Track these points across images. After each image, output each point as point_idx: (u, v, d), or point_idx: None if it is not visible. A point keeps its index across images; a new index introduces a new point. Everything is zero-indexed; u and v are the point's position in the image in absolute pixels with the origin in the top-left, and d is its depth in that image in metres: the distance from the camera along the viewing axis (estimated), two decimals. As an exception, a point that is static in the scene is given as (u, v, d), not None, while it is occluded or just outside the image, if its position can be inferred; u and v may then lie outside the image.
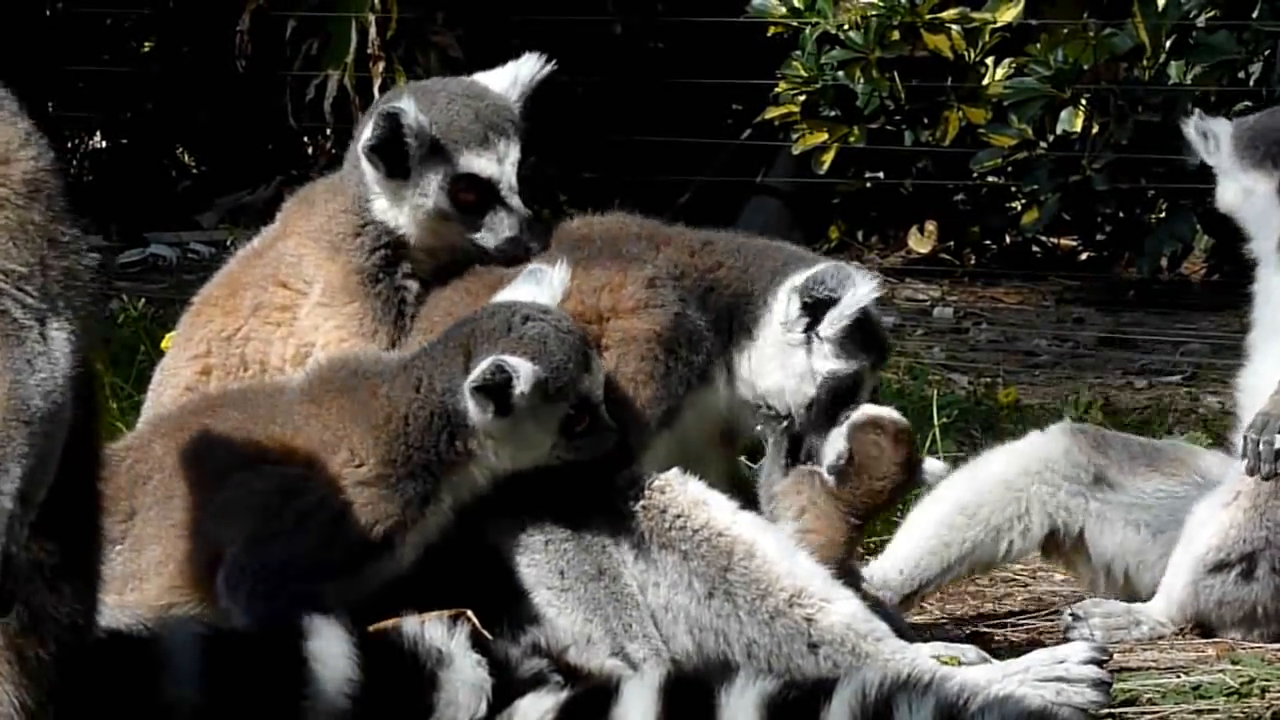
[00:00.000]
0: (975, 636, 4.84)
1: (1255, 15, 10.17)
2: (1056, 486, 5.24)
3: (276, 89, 11.11)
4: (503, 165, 4.52)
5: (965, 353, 9.34)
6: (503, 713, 3.87)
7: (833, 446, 4.51)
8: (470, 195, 4.52)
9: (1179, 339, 9.57)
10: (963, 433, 6.54)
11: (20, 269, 3.39)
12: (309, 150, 12.15)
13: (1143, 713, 4.38)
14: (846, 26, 10.48)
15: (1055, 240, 11.49)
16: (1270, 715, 4.36)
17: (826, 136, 10.57)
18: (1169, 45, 10.21)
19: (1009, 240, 11.38)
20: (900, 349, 9.00)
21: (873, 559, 5.30)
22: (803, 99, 10.58)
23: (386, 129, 4.45)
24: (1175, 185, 10.09)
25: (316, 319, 4.55)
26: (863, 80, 10.50)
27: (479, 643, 3.92)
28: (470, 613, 3.97)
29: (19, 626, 3.41)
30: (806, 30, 10.58)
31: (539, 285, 4.27)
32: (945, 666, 4.22)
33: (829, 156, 10.56)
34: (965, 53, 10.50)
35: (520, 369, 4.06)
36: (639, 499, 4.26)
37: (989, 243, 11.36)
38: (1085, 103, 10.20)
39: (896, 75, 10.55)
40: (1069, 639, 4.83)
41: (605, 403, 4.23)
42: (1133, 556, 5.26)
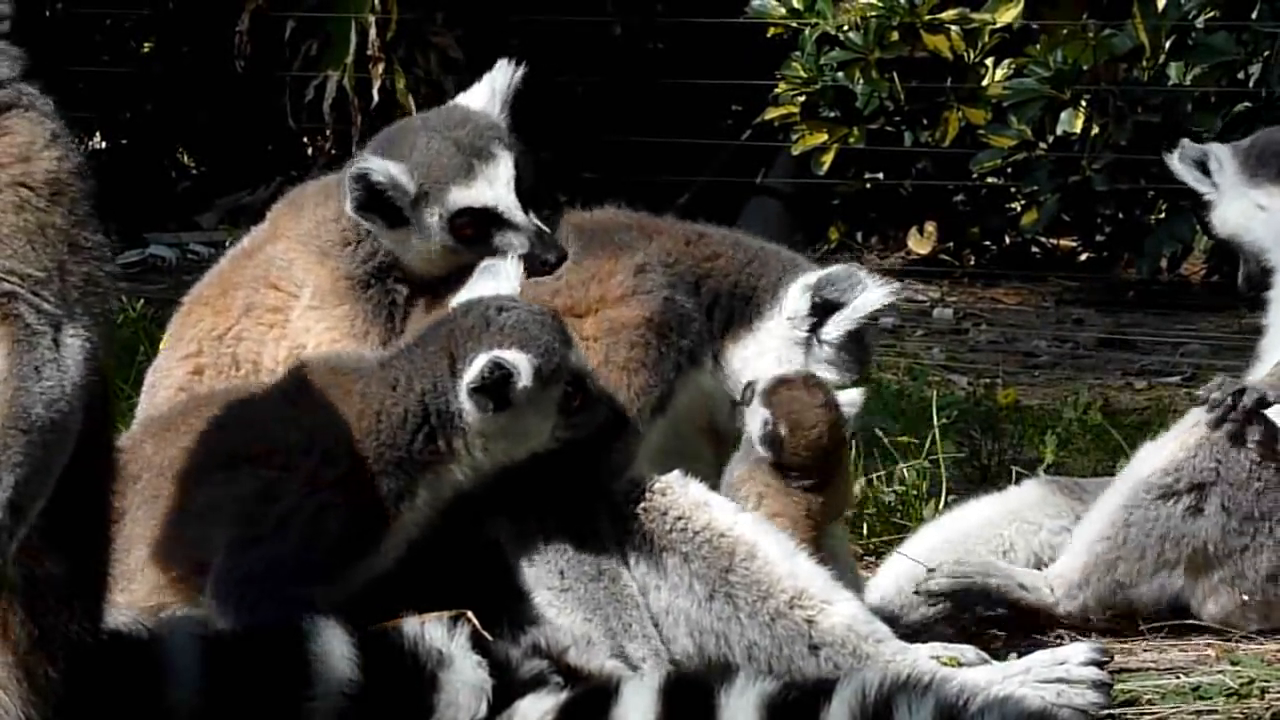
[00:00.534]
0: (975, 637, 4.83)
1: (1255, 16, 10.15)
2: (1038, 525, 5.27)
3: (276, 90, 11.10)
4: (495, 188, 4.46)
5: (965, 353, 9.33)
6: (503, 713, 3.87)
7: (755, 419, 4.46)
8: (471, 228, 4.47)
9: (1179, 340, 9.55)
10: (962, 434, 6.52)
11: (38, 273, 3.32)
12: (308, 151, 12.12)
13: (1142, 713, 4.38)
14: (846, 27, 10.47)
15: (1055, 241, 11.47)
16: (1270, 716, 4.35)
17: (826, 137, 10.56)
18: (1169, 46, 10.19)
19: (1009, 241, 11.36)
20: (900, 349, 9.00)
21: (873, 559, 5.30)
22: (802, 100, 10.57)
23: (361, 190, 4.41)
24: (1175, 186, 9.99)
25: (308, 321, 4.55)
26: (862, 81, 10.49)
27: (479, 644, 3.92)
28: (470, 614, 3.97)
29: (28, 644, 3.34)
30: (806, 31, 10.57)
31: (497, 279, 4.26)
32: (945, 667, 4.22)
33: (829, 157, 10.55)
34: (965, 53, 10.48)
35: (519, 363, 4.05)
36: (640, 501, 4.27)
37: (989, 243, 11.34)
38: (1085, 103, 10.18)
39: (896, 76, 10.54)
40: None
41: (590, 377, 4.22)
42: None
